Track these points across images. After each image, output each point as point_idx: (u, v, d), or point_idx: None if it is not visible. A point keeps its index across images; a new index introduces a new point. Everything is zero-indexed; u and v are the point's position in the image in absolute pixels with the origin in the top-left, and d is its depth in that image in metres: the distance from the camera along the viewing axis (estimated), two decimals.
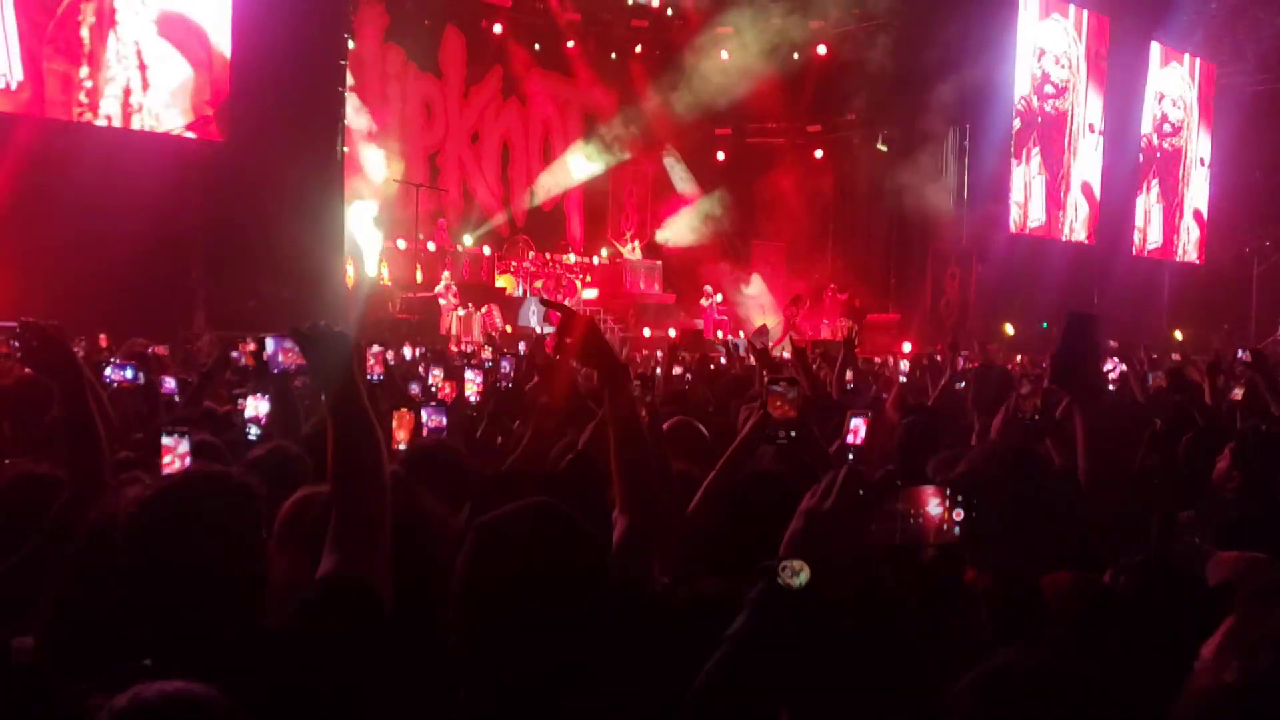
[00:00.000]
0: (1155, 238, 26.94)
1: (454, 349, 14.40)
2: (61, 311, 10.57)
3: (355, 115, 18.86)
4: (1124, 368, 8.12)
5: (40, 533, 2.65)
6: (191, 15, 14.31)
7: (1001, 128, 22.47)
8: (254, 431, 4.23)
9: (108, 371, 5.64)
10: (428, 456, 3.65)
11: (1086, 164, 24.69)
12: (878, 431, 4.60)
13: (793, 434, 3.41)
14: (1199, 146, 27.77)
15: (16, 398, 4.35)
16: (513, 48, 22.73)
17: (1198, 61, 26.94)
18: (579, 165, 23.95)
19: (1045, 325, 20.24)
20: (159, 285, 12.98)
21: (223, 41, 14.47)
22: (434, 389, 6.39)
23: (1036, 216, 23.69)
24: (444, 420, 4.47)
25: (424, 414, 4.44)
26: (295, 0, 14.68)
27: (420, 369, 8.36)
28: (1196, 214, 27.99)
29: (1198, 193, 27.95)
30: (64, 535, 2.60)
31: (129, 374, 5.58)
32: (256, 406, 4.27)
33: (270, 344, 2.64)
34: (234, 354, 6.19)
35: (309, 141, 15.22)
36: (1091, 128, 24.64)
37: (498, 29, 22.25)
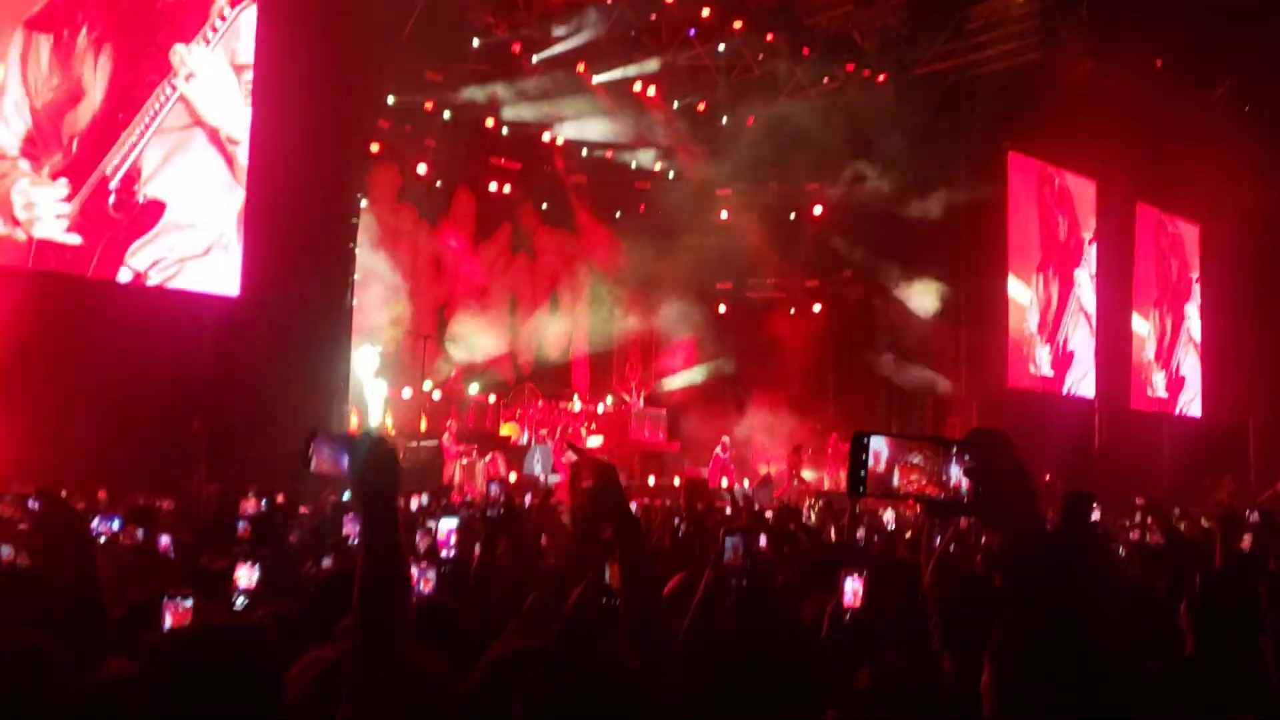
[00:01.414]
0: (1154, 392, 27.23)
1: (457, 498, 14.57)
2: (61, 463, 10.94)
3: (366, 267, 19.46)
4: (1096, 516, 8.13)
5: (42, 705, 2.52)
6: (209, 175, 14.72)
7: (998, 284, 23.01)
8: (240, 602, 4.17)
9: (95, 523, 5.69)
10: (423, 617, 3.63)
11: (1083, 321, 25.16)
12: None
13: (744, 581, 3.54)
14: (1191, 302, 28.31)
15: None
16: (521, 206, 23.60)
17: (1185, 221, 27.72)
18: (585, 317, 24.57)
19: (1048, 478, 20.19)
20: (161, 437, 13.00)
21: (237, 198, 14.91)
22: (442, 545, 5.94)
23: (1037, 370, 24.05)
24: (434, 579, 4.34)
25: (414, 571, 4.16)
26: (311, 160, 15.12)
27: (420, 520, 8.26)
28: (1193, 367, 28.34)
29: (1193, 346, 28.35)
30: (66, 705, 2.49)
31: (115, 525, 5.65)
32: (249, 577, 4.22)
33: (313, 445, 2.45)
34: (243, 503, 6.21)
35: (319, 296, 15.62)
36: (1088, 316, 25.19)
37: (507, 189, 23.16)
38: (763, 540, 6.71)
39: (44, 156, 12.35)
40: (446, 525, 5.73)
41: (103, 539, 5.52)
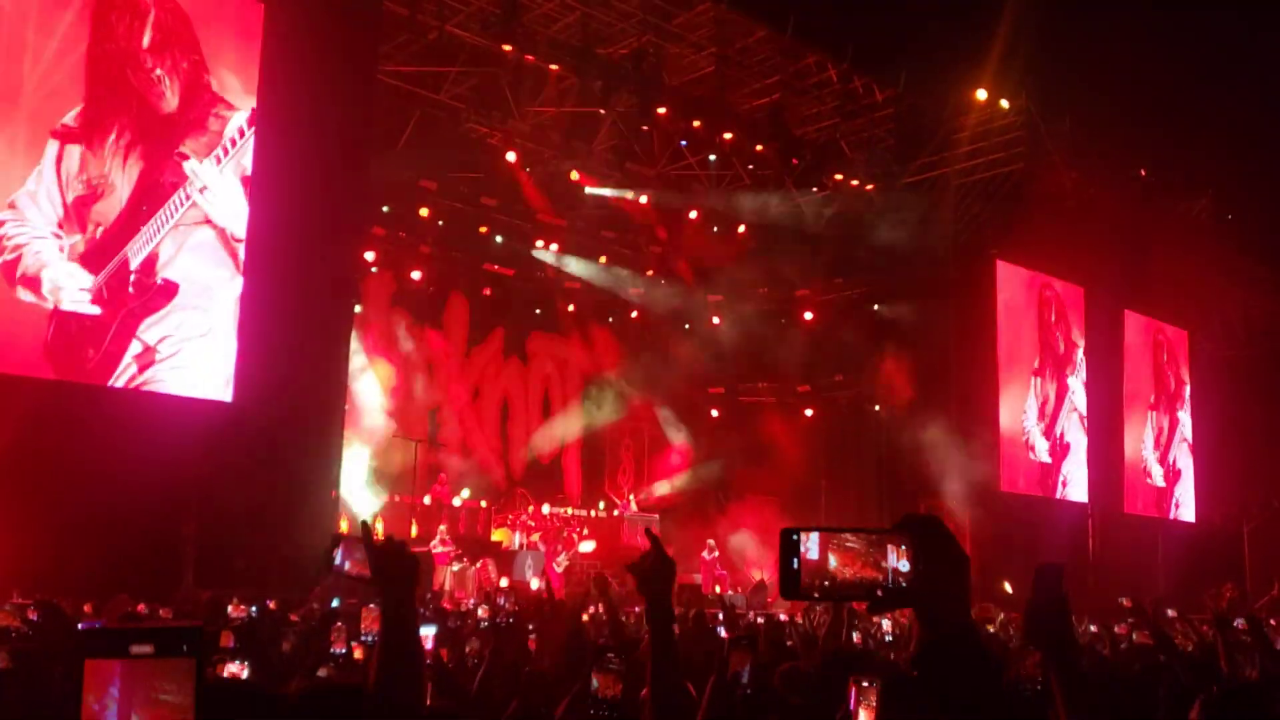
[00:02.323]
0: (1147, 497, 27.19)
1: (448, 605, 14.40)
2: (51, 568, 10.82)
3: (358, 373, 19.54)
4: (1093, 629, 8.15)
5: None
6: (216, 266, 14.91)
7: (988, 390, 23.13)
8: None
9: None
10: None
11: (1075, 424, 25.24)
12: None
13: (749, 690, 3.50)
14: (1182, 408, 28.45)
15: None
16: (514, 311, 23.80)
17: (1171, 329, 28.02)
18: (577, 421, 24.60)
19: (1009, 588, 20.07)
20: (151, 542, 12.91)
21: (231, 308, 15.03)
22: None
23: (1029, 476, 24.04)
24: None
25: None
26: (305, 266, 15.24)
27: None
28: (1186, 474, 28.34)
29: (1184, 451, 28.41)
30: None
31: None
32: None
33: (340, 551, 2.48)
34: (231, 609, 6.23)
35: (312, 401, 15.59)
36: (1082, 418, 25.33)
37: (500, 294, 23.40)
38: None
39: (71, 239, 13.21)
40: (425, 632, 5.69)
41: None
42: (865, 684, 3.58)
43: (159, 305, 13.93)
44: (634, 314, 24.97)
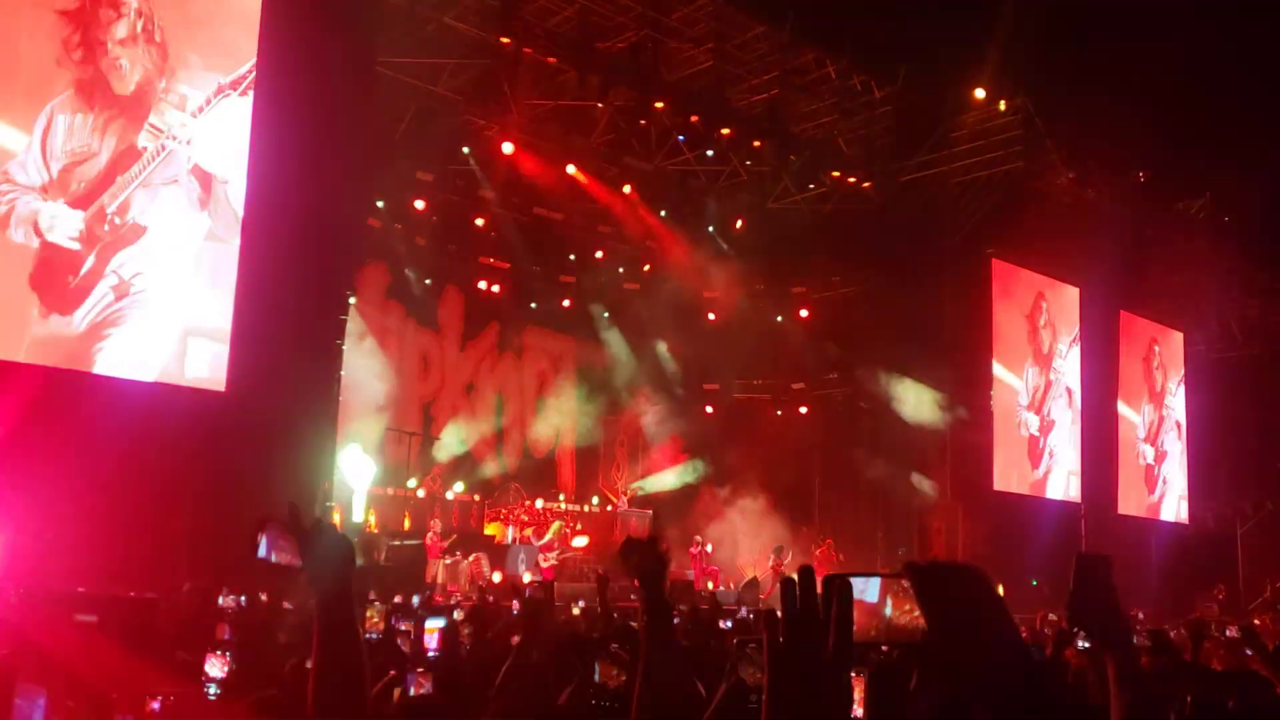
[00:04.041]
0: (1140, 497, 27.22)
1: (440, 598, 14.37)
2: (41, 556, 10.77)
3: (353, 364, 19.46)
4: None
5: None
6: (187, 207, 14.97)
7: (981, 388, 23.14)
8: (213, 691, 4.23)
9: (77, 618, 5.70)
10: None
11: (1068, 424, 25.26)
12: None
13: (764, 696, 3.42)
14: (1175, 409, 28.48)
15: None
16: (510, 305, 23.73)
17: (1167, 330, 28.05)
18: (571, 416, 24.55)
19: (1035, 583, 20.19)
20: (143, 533, 12.93)
21: (226, 299, 15.01)
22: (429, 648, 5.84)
23: (1021, 475, 24.05)
24: (430, 684, 4.26)
25: (408, 678, 4.23)
26: (300, 258, 15.20)
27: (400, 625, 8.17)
28: (1180, 474, 28.38)
29: (1178, 453, 28.45)
30: None
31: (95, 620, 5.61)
32: (220, 668, 4.31)
33: (265, 538, 2.31)
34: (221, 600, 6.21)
35: (306, 393, 15.57)
36: (1069, 391, 25.36)
37: (496, 289, 23.32)
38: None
39: (56, 197, 13.59)
40: (434, 624, 5.60)
41: None
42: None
43: (131, 241, 14.19)
44: (630, 309, 24.90)
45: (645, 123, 21.01)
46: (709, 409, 25.60)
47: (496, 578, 18.76)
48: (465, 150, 20.85)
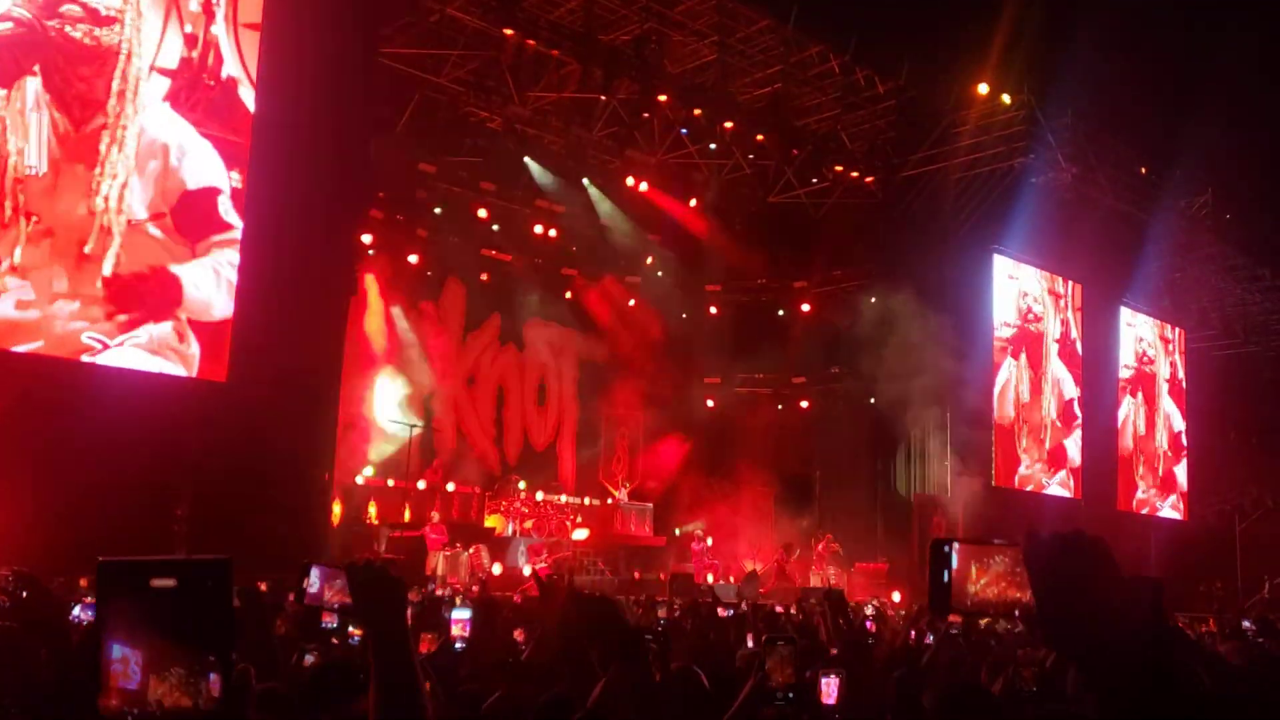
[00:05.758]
0: (1140, 493, 27.23)
1: (439, 591, 14.36)
2: (42, 545, 10.76)
3: (354, 355, 19.44)
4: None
5: None
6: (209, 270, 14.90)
7: (984, 384, 23.13)
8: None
9: (76, 611, 5.63)
10: None
11: (1069, 420, 25.25)
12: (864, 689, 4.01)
13: (790, 695, 3.39)
14: (1175, 405, 28.48)
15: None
16: (511, 297, 23.72)
17: (1167, 326, 28.05)
18: (572, 409, 24.55)
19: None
20: (144, 522, 12.91)
21: (227, 294, 14.99)
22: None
23: (1021, 471, 24.06)
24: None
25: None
26: (302, 248, 15.18)
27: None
28: (1179, 470, 28.39)
29: (1178, 449, 28.45)
30: None
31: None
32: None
33: (315, 575, 2.28)
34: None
35: (307, 383, 15.56)
36: (1070, 387, 25.36)
37: (497, 280, 23.30)
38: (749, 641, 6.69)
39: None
40: (460, 616, 5.63)
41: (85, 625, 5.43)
42: (828, 675, 3.58)
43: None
44: (631, 302, 24.89)
45: (648, 116, 20.99)
46: (710, 403, 25.60)
47: (497, 570, 18.77)
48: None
